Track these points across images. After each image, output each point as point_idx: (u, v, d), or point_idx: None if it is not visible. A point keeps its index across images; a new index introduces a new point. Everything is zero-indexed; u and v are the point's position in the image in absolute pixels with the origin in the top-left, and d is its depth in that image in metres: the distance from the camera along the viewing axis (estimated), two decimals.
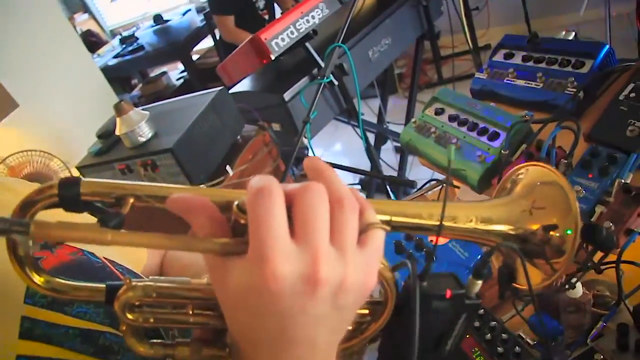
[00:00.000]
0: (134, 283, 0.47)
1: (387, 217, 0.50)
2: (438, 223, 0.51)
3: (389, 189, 2.07)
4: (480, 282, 0.52)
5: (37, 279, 0.46)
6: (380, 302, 0.51)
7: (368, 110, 3.40)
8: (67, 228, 0.40)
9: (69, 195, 0.42)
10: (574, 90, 1.08)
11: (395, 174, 2.97)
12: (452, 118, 1.21)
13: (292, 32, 1.98)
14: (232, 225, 0.43)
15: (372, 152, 2.17)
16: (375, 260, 0.44)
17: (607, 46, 1.09)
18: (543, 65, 1.18)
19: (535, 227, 0.57)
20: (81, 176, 1.79)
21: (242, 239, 0.42)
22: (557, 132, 0.98)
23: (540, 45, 1.21)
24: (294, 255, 0.39)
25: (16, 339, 0.52)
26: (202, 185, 1.43)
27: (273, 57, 1.95)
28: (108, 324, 0.58)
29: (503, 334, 0.90)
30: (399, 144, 3.27)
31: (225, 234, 0.43)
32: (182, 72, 5.26)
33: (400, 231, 0.52)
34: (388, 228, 0.46)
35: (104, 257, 0.68)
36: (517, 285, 0.61)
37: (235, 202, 0.43)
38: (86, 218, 0.44)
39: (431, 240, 1.07)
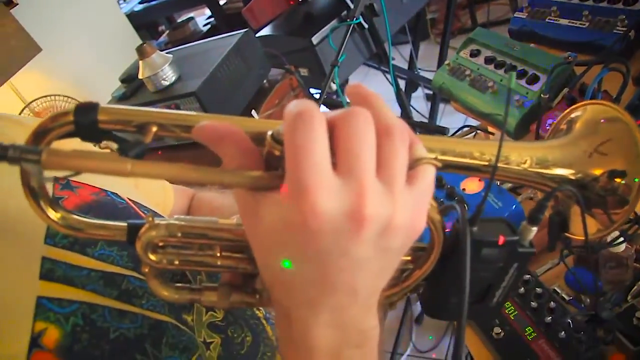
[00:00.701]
0: (157, 221, 0.43)
1: (433, 155, 0.44)
2: (488, 162, 0.46)
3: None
4: (535, 229, 0.46)
5: (53, 214, 0.42)
6: (424, 248, 0.46)
7: (398, 56, 3.29)
8: (83, 157, 0.35)
9: (85, 122, 0.37)
10: (624, 29, 0.99)
11: (426, 121, 2.89)
12: (488, 60, 1.14)
13: None
14: (266, 157, 0.38)
15: (403, 98, 2.09)
16: (425, 199, 0.39)
17: None
18: (590, 2, 1.08)
19: (598, 172, 0.51)
20: None
21: (277, 172, 0.37)
22: (604, 75, 0.91)
23: None
24: (337, 189, 0.34)
25: (37, 279, 0.49)
26: None
27: None
28: (132, 268, 0.55)
29: (537, 288, 0.86)
30: (430, 91, 3.17)
31: (259, 167, 0.38)
32: (209, 17, 5.17)
33: (448, 171, 0.46)
34: (439, 164, 0.41)
35: (129, 198, 0.65)
36: (570, 235, 0.55)
37: (269, 132, 0.37)
38: None
39: (463, 189, 1.02)
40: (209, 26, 5.00)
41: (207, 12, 5.22)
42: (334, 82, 1.74)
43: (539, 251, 1.01)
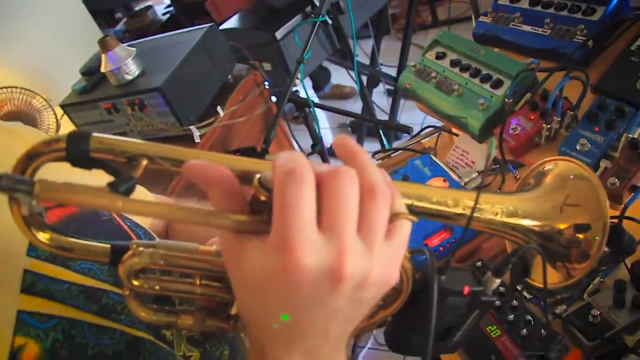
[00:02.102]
0: (140, 249, 0.44)
1: (409, 202, 0.47)
2: (462, 212, 0.49)
3: (381, 134, 2.03)
4: (498, 281, 0.50)
5: (42, 236, 0.42)
6: (393, 289, 0.48)
7: (360, 52, 3.32)
8: (74, 191, 0.36)
9: (77, 151, 0.38)
10: (583, 38, 1.03)
11: (386, 117, 2.93)
12: (454, 63, 1.16)
13: None
14: (251, 200, 0.40)
15: (366, 96, 2.11)
16: (400, 254, 0.41)
17: None
18: (551, 10, 1.12)
19: (563, 226, 0.55)
20: (65, 113, 1.73)
21: (261, 218, 0.39)
22: (565, 83, 0.94)
23: None
24: (319, 246, 0.36)
25: (18, 293, 0.48)
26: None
27: None
28: (112, 283, 0.55)
29: (500, 287, 0.89)
30: (391, 87, 3.21)
31: (243, 209, 0.40)
32: (168, 6, 5.06)
33: (422, 217, 0.48)
34: (415, 219, 0.43)
35: None
36: (530, 281, 0.59)
37: (257, 176, 0.39)
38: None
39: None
40: (167, 15, 4.90)
41: (166, 0, 5.12)
42: (298, 79, 1.74)
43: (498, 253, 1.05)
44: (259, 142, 1.77)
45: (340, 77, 3.72)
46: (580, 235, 0.55)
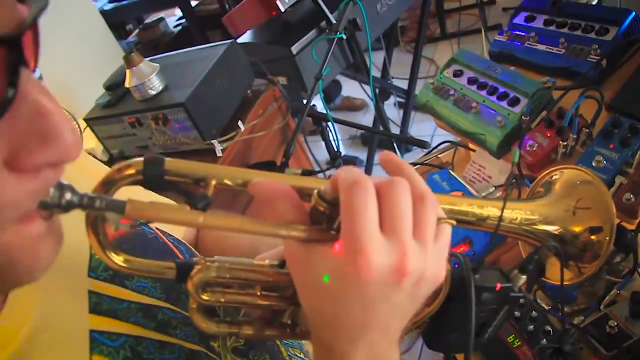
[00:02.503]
0: (208, 264, 0.48)
1: (446, 206, 0.53)
2: (488, 216, 0.55)
3: (396, 148, 2.07)
4: (525, 277, 0.55)
5: (116, 257, 0.46)
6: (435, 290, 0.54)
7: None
8: (160, 209, 0.40)
9: (153, 174, 0.42)
10: (597, 57, 1.07)
11: (398, 129, 2.97)
12: (471, 81, 1.20)
13: None
14: (311, 212, 0.45)
15: (381, 111, 2.16)
16: (445, 252, 0.47)
17: (633, 13, 1.08)
18: (566, 30, 1.16)
19: (577, 228, 0.60)
20: (89, 127, 1.78)
21: (321, 227, 0.44)
22: (581, 102, 0.98)
23: (563, 9, 1.19)
24: (384, 247, 0.41)
25: (87, 313, 0.51)
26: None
27: (283, 9, 1.92)
28: (164, 299, 0.59)
29: (520, 300, 0.93)
30: (402, 99, 3.24)
31: (305, 221, 0.44)
32: (180, 18, 5.13)
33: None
34: (455, 223, 0.49)
35: (156, 227, 0.68)
36: (546, 279, 0.63)
37: (316, 190, 0.44)
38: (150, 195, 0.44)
39: None
40: (180, 27, 4.96)
41: (177, 12, 5.18)
42: (317, 94, 1.78)
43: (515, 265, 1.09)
44: (276, 155, 1.81)
45: (351, 89, 3.76)
46: (593, 237, 0.60)
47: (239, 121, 1.64)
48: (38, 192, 0.37)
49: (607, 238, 0.59)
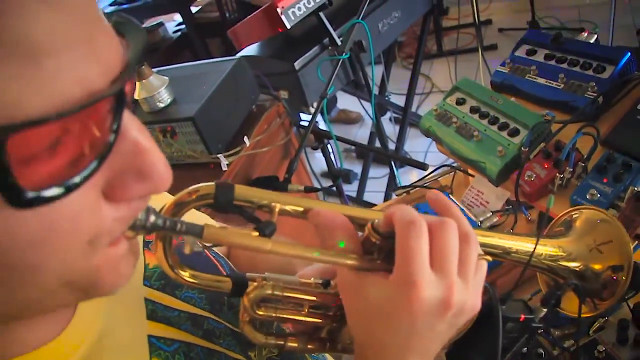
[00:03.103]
0: (264, 282, 0.54)
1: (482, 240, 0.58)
2: (513, 250, 0.61)
3: (394, 168, 2.12)
4: (545, 310, 0.60)
5: (182, 273, 0.51)
6: None
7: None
8: (232, 235, 0.45)
9: (224, 199, 0.47)
10: (594, 94, 1.13)
11: (393, 146, 3.02)
12: (473, 110, 1.25)
13: (308, 2, 1.98)
14: (363, 242, 0.50)
15: (381, 130, 2.21)
16: (481, 286, 0.53)
17: (629, 53, 1.14)
18: (565, 65, 1.22)
19: (597, 266, 0.65)
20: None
21: (372, 257, 0.49)
22: (578, 138, 1.04)
23: (563, 45, 1.25)
24: (434, 282, 0.47)
25: (145, 319, 0.55)
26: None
27: (289, 27, 1.96)
28: (209, 310, 0.63)
29: None
30: (397, 115, 3.31)
31: (357, 249, 0.50)
32: (179, 24, 5.15)
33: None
34: (490, 259, 0.55)
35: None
36: (561, 310, 0.69)
37: (370, 223, 0.50)
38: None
39: None
40: (179, 33, 4.98)
41: (177, 18, 5.21)
42: (321, 113, 1.83)
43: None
44: (277, 170, 1.85)
45: (347, 102, 3.81)
46: (611, 274, 0.66)
47: (245, 136, 1.68)
48: (130, 219, 0.40)
49: (624, 278, 0.64)
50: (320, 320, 0.58)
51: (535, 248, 0.60)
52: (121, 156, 0.36)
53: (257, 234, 0.46)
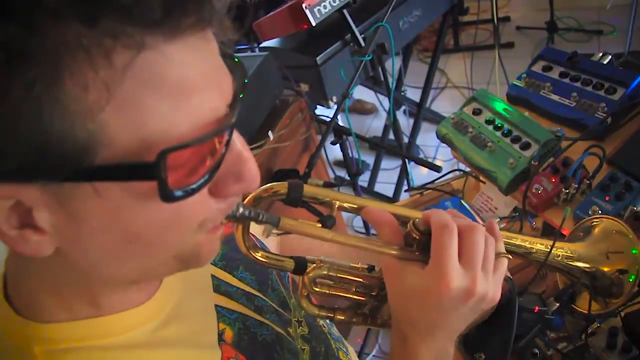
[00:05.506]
0: (321, 263, 0.65)
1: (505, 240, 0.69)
2: (533, 250, 0.72)
3: (407, 168, 2.19)
4: (558, 304, 0.72)
5: (256, 254, 0.63)
6: None
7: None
8: (302, 226, 0.57)
9: (295, 196, 0.59)
10: (604, 115, 1.20)
11: (406, 139, 3.09)
12: (488, 121, 1.33)
13: (333, 0, 2.04)
14: (405, 236, 0.62)
15: (398, 128, 2.27)
16: (501, 281, 0.64)
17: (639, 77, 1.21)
18: (578, 84, 1.29)
19: (606, 268, 0.76)
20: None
21: (412, 249, 0.61)
22: (585, 157, 1.11)
23: (578, 64, 1.31)
24: (461, 274, 0.58)
25: (212, 291, 0.68)
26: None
27: (314, 24, 2.02)
28: (257, 289, 0.75)
29: None
30: (411, 109, 3.36)
31: (399, 242, 0.61)
32: None
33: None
34: (511, 257, 0.65)
35: None
36: (574, 307, 0.79)
37: (412, 221, 0.61)
38: None
39: None
40: None
41: None
42: (343, 111, 1.90)
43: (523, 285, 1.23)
44: (297, 164, 1.93)
45: (362, 92, 3.86)
46: (619, 277, 0.77)
47: (269, 131, 1.76)
48: (227, 210, 0.51)
49: (630, 280, 0.75)
50: (364, 299, 0.69)
51: (550, 251, 0.71)
52: (226, 163, 0.45)
53: (320, 225, 0.57)
